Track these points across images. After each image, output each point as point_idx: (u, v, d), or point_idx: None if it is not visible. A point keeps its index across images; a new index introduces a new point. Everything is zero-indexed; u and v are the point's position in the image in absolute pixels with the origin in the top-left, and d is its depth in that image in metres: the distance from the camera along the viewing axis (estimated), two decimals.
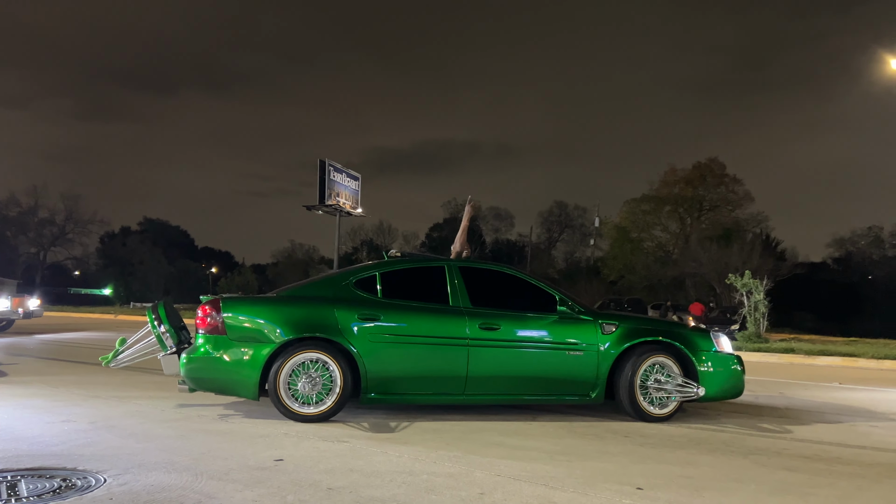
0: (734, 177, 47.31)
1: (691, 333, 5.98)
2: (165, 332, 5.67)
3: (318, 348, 5.25)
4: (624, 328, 5.75)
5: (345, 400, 5.27)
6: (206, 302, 5.37)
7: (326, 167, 34.22)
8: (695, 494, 3.47)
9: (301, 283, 6.25)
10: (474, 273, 5.95)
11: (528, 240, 60.30)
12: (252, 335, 5.25)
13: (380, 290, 5.61)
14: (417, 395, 5.55)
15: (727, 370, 5.83)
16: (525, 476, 3.72)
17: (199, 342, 5.29)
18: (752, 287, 18.87)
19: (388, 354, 5.38)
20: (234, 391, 5.34)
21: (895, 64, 21.17)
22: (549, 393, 5.72)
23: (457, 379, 5.49)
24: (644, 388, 5.66)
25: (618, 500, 3.33)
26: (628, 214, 48.83)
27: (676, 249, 45.86)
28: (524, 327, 5.68)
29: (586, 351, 5.66)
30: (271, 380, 5.17)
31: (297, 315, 5.36)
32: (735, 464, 4.19)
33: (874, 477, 3.95)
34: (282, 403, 5.17)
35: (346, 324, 5.33)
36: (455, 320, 5.54)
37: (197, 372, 5.26)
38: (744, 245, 35.72)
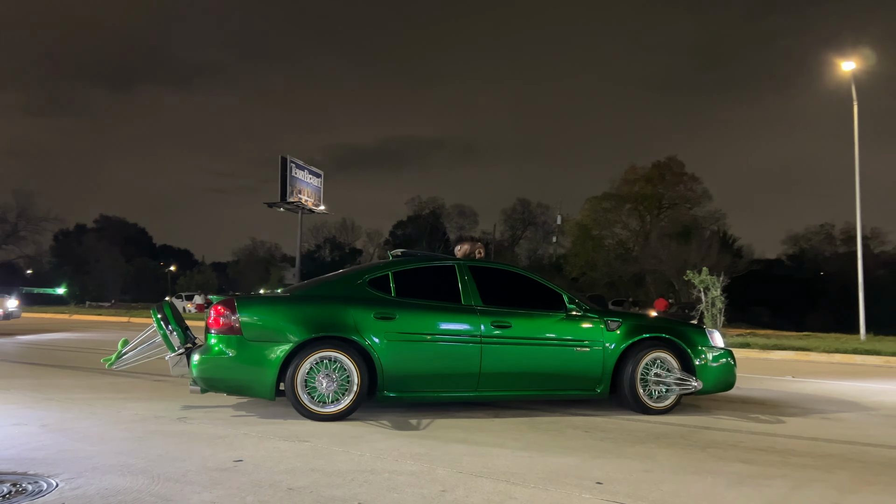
0: (692, 175, 48.28)
1: (688, 329, 6.25)
2: (173, 333, 5.62)
3: (335, 347, 5.27)
4: (627, 325, 5.94)
5: (362, 398, 5.31)
6: (218, 302, 5.37)
7: (288, 164, 33.87)
8: (653, 488, 3.52)
9: (312, 282, 6.28)
10: (484, 272, 6.03)
11: (491, 237, 60.55)
12: (269, 335, 5.23)
13: (393, 289, 5.66)
14: (432, 393, 5.62)
15: (721, 364, 6.09)
16: (487, 472, 3.73)
17: (213, 342, 5.24)
18: (709, 283, 19.24)
19: (403, 352, 5.43)
20: (249, 391, 5.36)
21: (845, 66, 21.80)
22: (557, 388, 5.87)
23: (470, 376, 5.59)
24: (645, 382, 5.85)
25: (577, 494, 3.37)
26: (590, 212, 49.42)
27: (637, 246, 46.57)
28: (534, 325, 5.80)
29: (592, 347, 5.83)
30: (288, 379, 5.17)
31: (313, 314, 5.37)
32: (693, 457, 4.27)
33: (826, 468, 4.06)
34: (300, 403, 5.18)
35: (362, 323, 5.36)
36: (468, 318, 5.64)
37: (211, 372, 5.22)
38: (702, 242, 36.47)
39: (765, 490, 3.53)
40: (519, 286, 6.23)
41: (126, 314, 28.14)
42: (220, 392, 5.43)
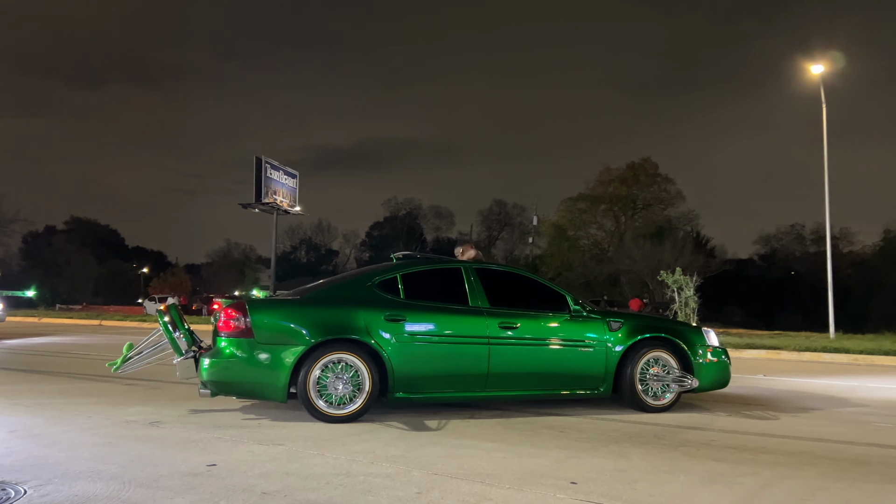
0: (666, 176, 48.82)
1: (686, 329, 6.40)
2: (181, 336, 5.63)
3: (347, 349, 5.31)
4: (628, 325, 6.07)
5: (373, 400, 5.35)
6: (229, 305, 5.34)
7: (263, 164, 33.61)
8: (627, 487, 3.55)
9: (320, 284, 6.27)
10: (489, 274, 6.13)
11: (468, 238, 60.65)
12: (281, 338, 5.25)
13: (402, 292, 5.72)
14: (442, 393, 5.69)
15: (718, 363, 6.26)
16: (462, 474, 3.74)
17: (224, 345, 5.25)
18: (682, 283, 19.47)
19: (414, 354, 5.49)
20: (261, 394, 5.37)
21: (814, 69, 22.19)
22: (562, 388, 5.97)
23: (478, 376, 5.68)
24: (644, 380, 5.98)
25: (552, 494, 3.39)
26: (565, 213, 49.73)
27: (612, 247, 46.95)
28: (540, 326, 5.90)
29: (596, 348, 5.95)
30: (301, 382, 5.20)
31: (325, 317, 5.41)
32: (666, 455, 4.31)
33: (795, 465, 4.12)
34: (312, 405, 5.22)
35: (373, 325, 5.41)
36: (476, 320, 5.72)
37: (223, 376, 5.23)
38: (675, 242, 36.88)
39: (735, 488, 3.58)
40: (523, 288, 6.32)
41: (97, 317, 27.68)
42: (230, 395, 5.47)
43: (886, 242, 45.21)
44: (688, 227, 47.75)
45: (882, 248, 45.46)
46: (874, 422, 5.70)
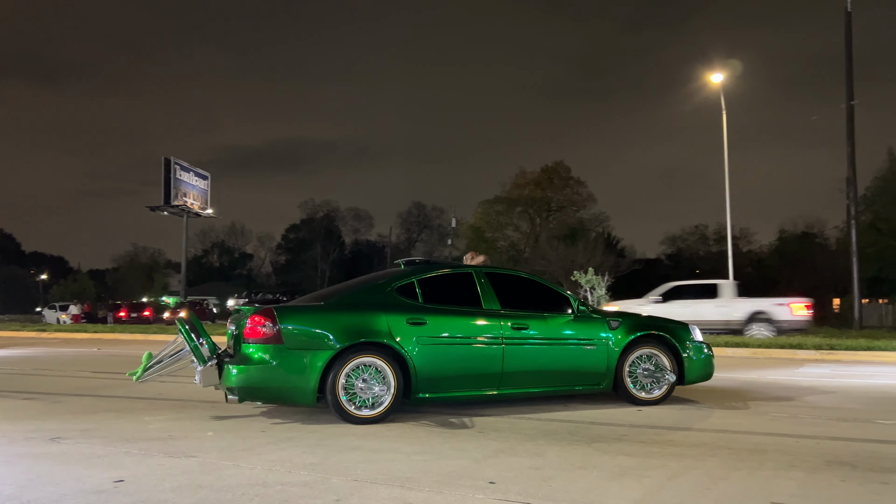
0: (578, 179, 50.26)
1: (676, 326, 6.72)
2: (203, 344, 5.66)
3: (373, 352, 5.49)
4: (626, 324, 6.42)
5: (398, 401, 5.52)
6: (256, 311, 5.44)
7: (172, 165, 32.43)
8: (543, 484, 3.64)
9: (339, 289, 6.43)
10: (498, 277, 6.40)
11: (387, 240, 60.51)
12: (309, 343, 5.39)
13: (420, 296, 5.93)
14: (460, 392, 5.91)
15: (704, 357, 6.67)
16: (382, 479, 3.74)
17: (252, 351, 5.34)
18: (595, 283, 20.09)
19: (434, 355, 5.71)
20: (290, 399, 5.51)
21: (715, 78, 23.37)
22: (569, 384, 6.27)
23: (494, 375, 5.94)
24: (634, 375, 6.35)
25: (471, 495, 3.43)
26: (483, 215, 50.38)
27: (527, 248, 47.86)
28: (548, 326, 6.19)
29: (598, 345, 6.28)
30: (330, 385, 5.33)
31: (350, 322, 5.55)
32: (579, 452, 4.45)
33: (699, 456, 4.34)
34: (341, 407, 5.36)
35: (396, 328, 5.59)
36: (490, 321, 5.98)
37: (252, 381, 5.32)
38: (588, 243, 37.99)
39: (644, 480, 3.73)
40: (530, 290, 6.60)
41: None
42: (258, 401, 5.66)
43: (781, 241, 48.11)
44: (599, 228, 49.36)
45: (778, 246, 48.35)
46: (770, 412, 6.06)
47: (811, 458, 4.25)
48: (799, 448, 4.56)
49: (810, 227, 47.84)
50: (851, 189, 17.19)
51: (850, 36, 16.59)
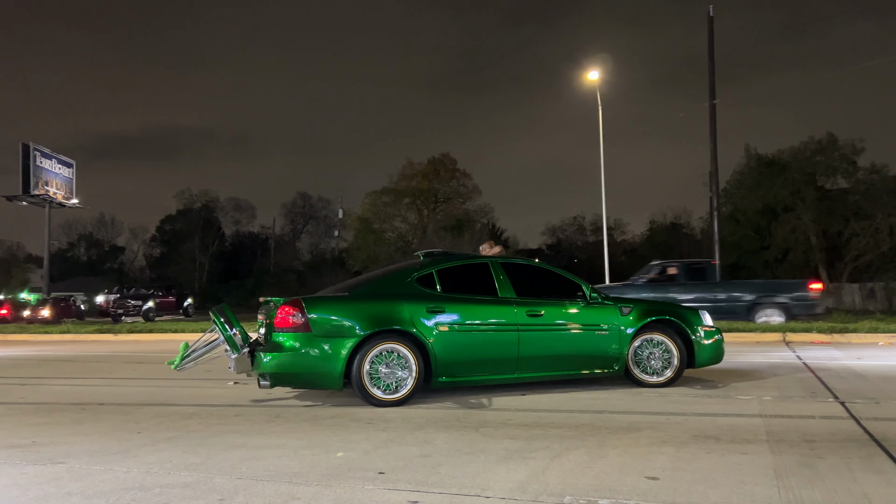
0: (464, 171, 50.91)
1: (686, 311, 7.03)
2: (236, 334, 5.93)
3: (395, 339, 5.83)
4: (637, 310, 6.72)
5: (419, 385, 5.89)
6: (286, 302, 5.79)
7: (32, 152, 30.02)
8: (432, 472, 3.69)
9: (361, 281, 6.83)
10: (513, 267, 6.71)
11: (271, 232, 58.93)
12: (335, 331, 5.74)
13: (439, 285, 6.26)
14: (478, 377, 6.25)
15: (714, 341, 6.91)
16: (268, 475, 3.65)
17: (283, 340, 5.70)
18: None
19: (453, 342, 6.03)
20: (318, 383, 5.91)
21: (591, 75, 24.37)
22: (582, 368, 6.57)
23: (510, 360, 6.26)
24: (642, 359, 6.66)
25: (361, 486, 3.42)
26: (370, 206, 50.05)
27: (415, 239, 48.09)
28: (562, 313, 6.50)
29: (610, 331, 6.56)
30: (355, 370, 5.70)
31: (373, 311, 5.90)
32: (467, 438, 4.53)
33: (579, 436, 4.53)
34: (366, 391, 5.74)
35: (417, 317, 5.94)
36: (506, 309, 6.29)
37: (283, 368, 5.68)
38: (474, 234, 38.67)
39: (530, 462, 3.86)
40: (544, 279, 6.90)
41: None
42: (288, 386, 6.05)
43: (652, 231, 50.95)
44: (484, 219, 50.29)
45: (648, 236, 51.19)
46: (643, 391, 6.43)
47: (680, 434, 4.55)
48: (669, 425, 4.87)
49: (678, 218, 50.99)
50: (714, 183, 18.47)
51: (712, 39, 17.77)
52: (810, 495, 3.17)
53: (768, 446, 4.14)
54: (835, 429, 4.62)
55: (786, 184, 33.63)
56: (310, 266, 54.17)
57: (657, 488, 3.32)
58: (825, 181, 34.94)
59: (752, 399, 5.87)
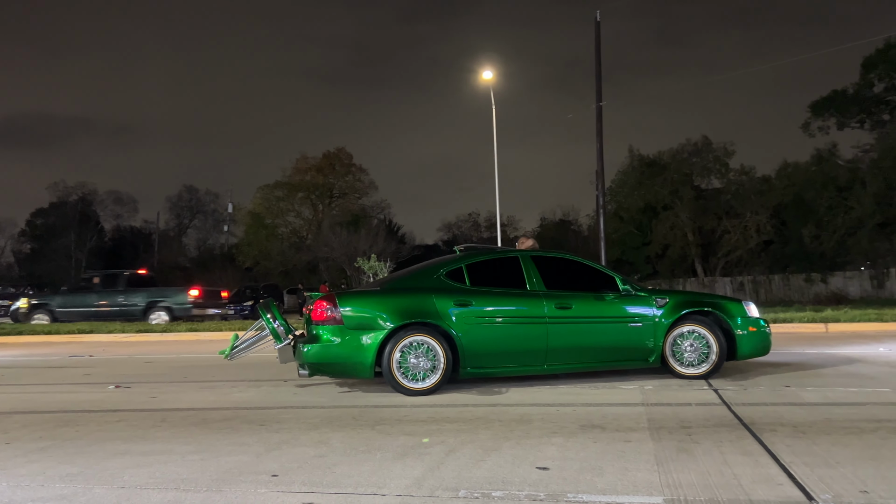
0: (360, 166, 50.54)
1: (726, 302, 6.92)
2: (280, 327, 6.49)
3: (423, 332, 6.08)
4: (673, 301, 6.69)
5: (447, 375, 6.11)
6: (321, 297, 6.19)
7: None
8: (328, 472, 3.65)
9: (395, 276, 7.15)
10: (544, 261, 6.80)
11: (155, 227, 56.13)
12: (366, 323, 6.06)
13: (467, 280, 6.47)
14: (507, 368, 6.43)
15: (757, 332, 6.80)
16: (153, 483, 3.49)
17: (318, 332, 6.10)
18: (378, 269, 20.42)
19: (480, 334, 6.22)
20: (351, 373, 6.27)
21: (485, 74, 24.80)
22: (614, 360, 6.61)
23: (539, 352, 6.37)
24: (679, 351, 6.58)
25: (253, 490, 3.34)
26: (262, 201, 48.72)
27: (310, 235, 47.27)
28: (592, 305, 6.54)
29: (644, 323, 6.56)
30: (385, 361, 6.01)
31: (402, 304, 6.17)
32: (363, 436, 4.52)
33: (473, 430, 4.62)
34: (395, 381, 6.03)
35: (444, 309, 6.17)
36: (534, 302, 6.40)
37: (319, 358, 6.10)
38: (370, 230, 38.45)
39: (425, 458, 3.89)
40: (575, 272, 6.93)
41: None
42: (325, 375, 6.42)
43: (542, 228, 52.54)
44: (381, 215, 50.14)
45: (539, 232, 52.75)
46: (534, 383, 6.62)
47: (569, 424, 4.73)
48: (559, 416, 5.06)
49: (567, 214, 52.86)
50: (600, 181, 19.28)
51: (598, 43, 18.53)
52: (687, 479, 3.38)
53: (650, 434, 4.38)
54: (709, 415, 4.95)
55: (665, 183, 35.61)
56: (197, 262, 51.98)
57: (547, 478, 3.44)
58: (701, 181, 37.29)
59: (635, 388, 6.19)
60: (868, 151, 31.34)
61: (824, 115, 32.85)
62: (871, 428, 4.37)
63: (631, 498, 3.10)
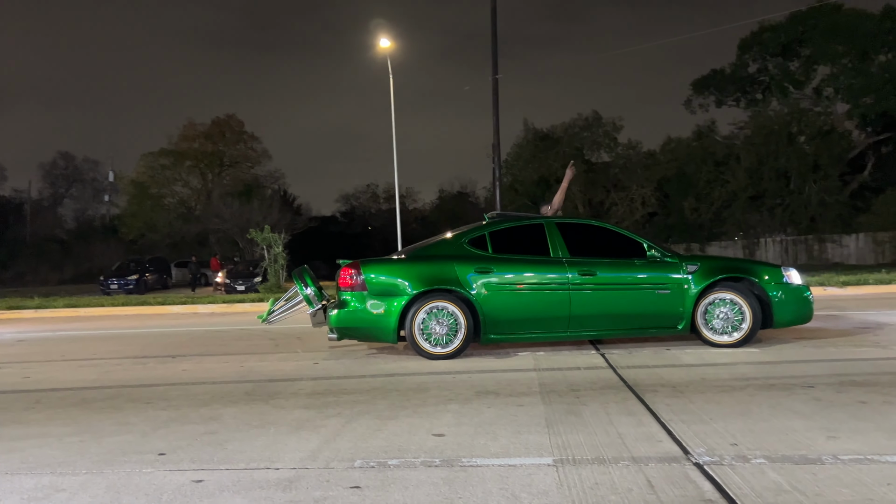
0: (252, 134, 48.75)
1: (762, 268, 6.68)
2: (312, 293, 6.75)
3: (444, 298, 6.21)
4: (704, 267, 6.49)
5: (469, 341, 6.24)
6: (347, 265, 6.41)
7: None
8: (218, 448, 3.54)
9: (420, 244, 7.03)
10: (570, 227, 6.75)
11: (26, 196, 52.12)
12: (389, 290, 6.25)
13: (490, 247, 6.53)
14: (528, 335, 6.43)
15: (797, 299, 6.55)
16: (26, 468, 3.27)
17: (345, 298, 6.31)
18: (272, 241, 19.94)
19: (501, 300, 6.29)
20: (376, 337, 6.42)
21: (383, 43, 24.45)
22: (641, 327, 6.49)
23: (561, 319, 6.36)
24: (710, 319, 6.39)
25: (138, 470, 3.19)
26: (146, 169, 46.15)
27: (199, 206, 45.38)
28: (617, 272, 6.45)
29: (672, 289, 6.40)
30: (408, 326, 6.20)
31: (424, 271, 6.33)
32: (256, 410, 4.42)
33: (371, 400, 4.62)
34: (417, 346, 6.23)
35: (465, 276, 6.28)
36: (557, 269, 6.38)
37: (345, 323, 6.31)
38: (264, 201, 37.40)
39: (321, 430, 3.86)
40: (602, 238, 6.82)
41: None
42: (352, 339, 6.57)
43: (441, 200, 52.90)
44: (275, 185, 48.72)
45: (438, 205, 53.09)
46: None
47: (465, 391, 4.82)
48: (455, 383, 5.14)
49: (464, 187, 53.34)
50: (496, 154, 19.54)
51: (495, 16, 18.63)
52: (575, 439, 3.52)
53: (541, 397, 4.53)
54: (596, 378, 5.18)
55: (558, 157, 36.56)
56: (76, 234, 48.83)
57: (443, 444, 3.49)
58: (591, 155, 38.55)
59: (527, 354, 6.38)
60: (742, 128, 33.48)
61: (704, 93, 34.74)
62: (741, 386, 4.72)
63: (522, 460, 3.20)
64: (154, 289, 29.65)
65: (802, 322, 6.73)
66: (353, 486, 2.92)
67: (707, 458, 3.12)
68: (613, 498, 2.69)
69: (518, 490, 2.81)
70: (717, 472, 2.94)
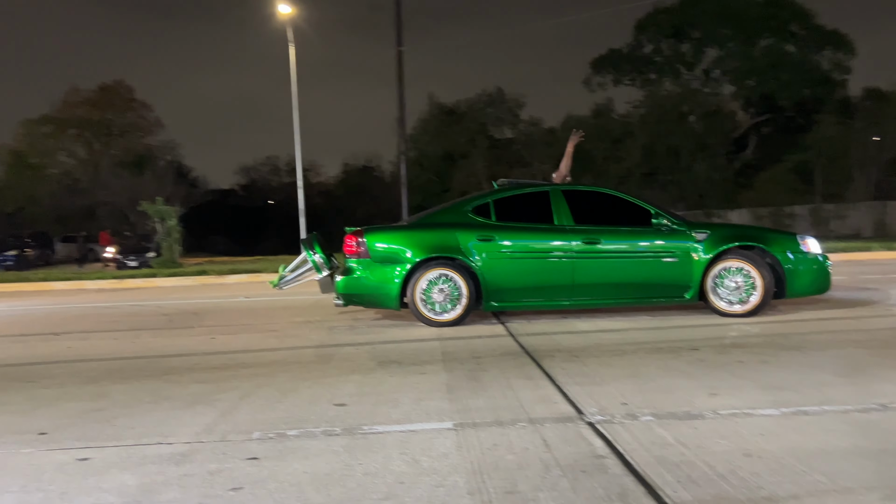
0: (144, 102, 46.08)
1: (776, 236, 6.51)
2: (320, 260, 6.73)
3: (446, 266, 6.24)
4: (715, 234, 6.33)
5: (470, 308, 6.27)
6: (351, 232, 6.40)
7: None
8: (106, 425, 3.38)
9: (425, 212, 7.02)
10: (575, 195, 6.62)
11: None
12: (391, 257, 6.30)
13: (493, 215, 6.47)
14: (530, 302, 6.43)
15: (812, 268, 6.38)
16: None
17: (350, 265, 6.37)
18: (165, 214, 19.06)
19: (503, 268, 6.28)
20: (379, 303, 6.45)
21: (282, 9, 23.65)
22: (646, 296, 6.41)
23: (564, 287, 6.32)
24: (719, 288, 6.27)
25: (16, 450, 3.01)
26: (25, 137, 42.88)
27: (86, 177, 42.74)
28: (622, 239, 6.35)
29: (680, 257, 6.29)
30: (409, 293, 6.23)
31: (426, 239, 6.33)
32: (149, 387, 4.24)
33: (271, 374, 4.53)
34: (419, 312, 6.26)
35: (466, 244, 6.28)
36: (561, 237, 6.32)
37: (350, 289, 6.38)
38: (157, 172, 35.67)
39: (218, 404, 3.75)
40: (608, 205, 6.62)
41: None
42: (357, 305, 6.62)
43: (346, 174, 52.16)
44: (169, 156, 46.42)
45: (343, 179, 52.33)
46: (336, 325, 6.64)
47: (367, 361, 4.81)
48: (358, 354, 5.12)
49: (370, 161, 52.75)
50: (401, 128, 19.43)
51: None
52: (475, 403, 3.60)
53: (443, 365, 4.59)
54: (497, 345, 5.30)
55: (463, 132, 36.85)
56: None
57: (344, 413, 3.48)
58: (495, 131, 39.06)
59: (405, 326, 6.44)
60: (638, 107, 34.77)
61: (602, 72, 35.77)
62: (633, 350, 4.95)
63: (423, 425, 3.24)
64: (36, 265, 27.78)
65: (818, 292, 6.55)
66: (251, 457, 2.86)
67: (599, 417, 3.26)
68: (511, 457, 2.77)
69: (418, 454, 2.84)
70: (608, 429, 3.08)
